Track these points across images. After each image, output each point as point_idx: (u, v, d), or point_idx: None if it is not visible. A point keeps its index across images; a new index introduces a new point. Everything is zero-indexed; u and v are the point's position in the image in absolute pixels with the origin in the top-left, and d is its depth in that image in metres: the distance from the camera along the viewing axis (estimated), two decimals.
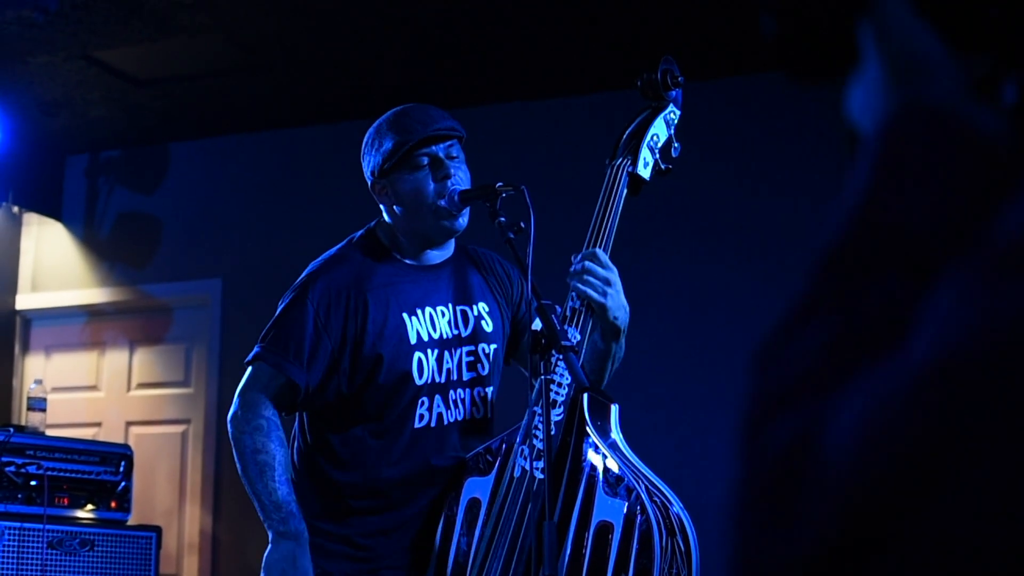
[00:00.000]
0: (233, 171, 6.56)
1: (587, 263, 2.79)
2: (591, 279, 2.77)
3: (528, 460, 2.70)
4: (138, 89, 5.93)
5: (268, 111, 6.28)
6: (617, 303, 2.80)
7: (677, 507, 2.68)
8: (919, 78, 0.73)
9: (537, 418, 2.62)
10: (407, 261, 3.10)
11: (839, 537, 0.58)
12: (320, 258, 3.10)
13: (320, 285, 2.99)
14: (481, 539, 2.81)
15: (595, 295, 2.77)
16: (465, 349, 3.05)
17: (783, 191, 5.45)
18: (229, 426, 2.96)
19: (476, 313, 3.10)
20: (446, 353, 3.02)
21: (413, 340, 2.98)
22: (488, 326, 3.10)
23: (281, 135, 6.47)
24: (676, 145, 3.04)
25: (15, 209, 6.77)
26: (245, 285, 6.38)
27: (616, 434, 2.77)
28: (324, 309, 2.96)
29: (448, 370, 3.02)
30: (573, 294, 2.79)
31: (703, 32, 5.19)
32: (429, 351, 2.99)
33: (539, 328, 2.64)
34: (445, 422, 3.00)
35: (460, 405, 3.03)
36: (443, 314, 3.05)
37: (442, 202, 2.95)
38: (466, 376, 3.04)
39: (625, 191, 2.91)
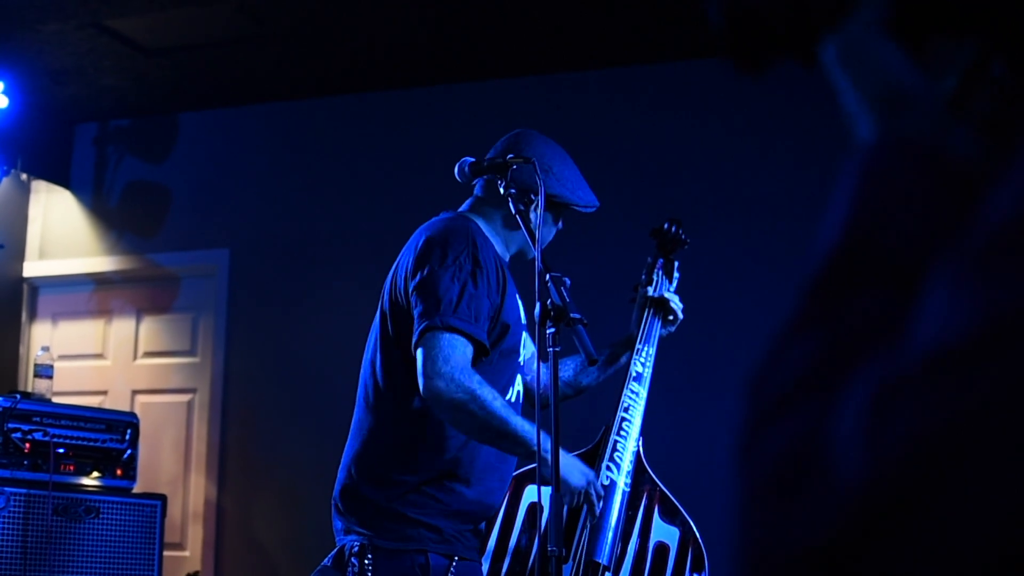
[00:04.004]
0: (242, 142, 6.56)
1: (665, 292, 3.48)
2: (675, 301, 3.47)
3: (615, 472, 3.24)
4: (148, 58, 5.92)
5: (278, 82, 6.27)
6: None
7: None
8: (895, 108, 0.74)
9: (614, 434, 3.26)
10: (500, 251, 3.21)
11: (846, 531, 0.58)
12: (454, 223, 3.08)
13: (483, 251, 3.01)
14: (577, 540, 3.19)
15: (677, 305, 3.46)
16: (528, 337, 3.22)
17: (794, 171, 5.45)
18: (446, 394, 2.84)
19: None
20: (528, 338, 3.21)
21: (523, 320, 3.15)
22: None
23: (291, 106, 6.47)
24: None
25: (24, 176, 6.77)
26: (253, 255, 6.39)
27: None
28: (485, 274, 2.99)
29: (528, 353, 3.22)
30: (643, 346, 3.40)
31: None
32: (524, 332, 3.17)
33: (549, 301, 2.69)
34: (520, 400, 3.17)
35: (524, 386, 3.23)
36: (521, 302, 3.19)
37: (534, 252, 3.10)
38: (526, 361, 3.23)
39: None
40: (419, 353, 2.89)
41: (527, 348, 3.23)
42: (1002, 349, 0.56)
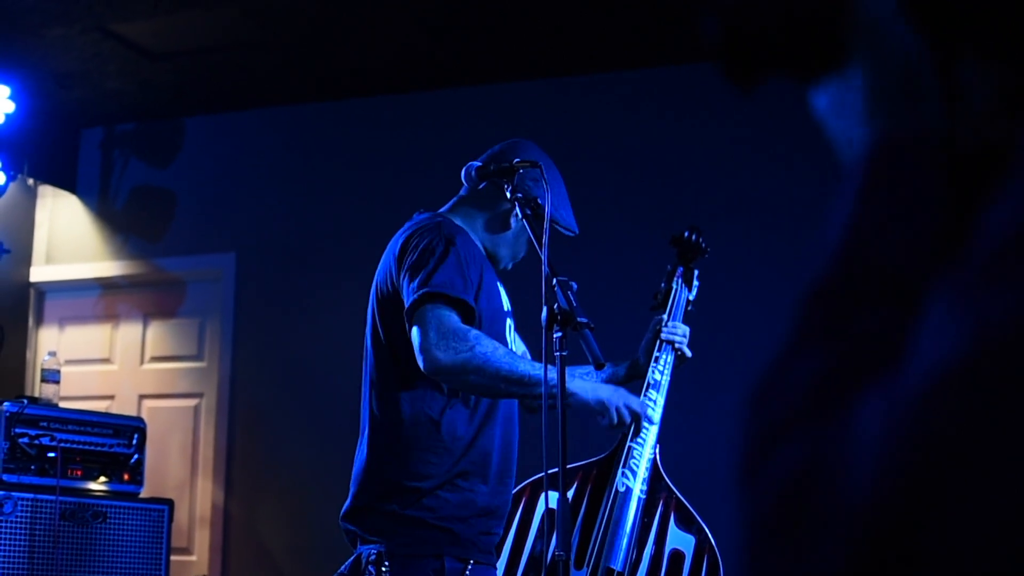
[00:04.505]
0: (248, 145, 6.56)
1: (678, 324, 3.49)
2: (681, 335, 3.47)
3: (631, 479, 3.28)
4: (153, 62, 5.93)
5: (283, 86, 6.28)
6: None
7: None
8: (907, 100, 0.73)
9: (630, 441, 3.30)
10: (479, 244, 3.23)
11: (863, 558, 0.58)
12: (427, 221, 3.11)
13: (459, 238, 3.04)
14: (591, 547, 3.23)
15: (686, 348, 3.46)
16: (513, 325, 3.21)
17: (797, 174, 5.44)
18: (447, 360, 2.83)
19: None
20: (512, 325, 3.20)
21: (505, 307, 3.15)
22: None
23: (296, 110, 6.47)
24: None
25: (30, 181, 6.78)
26: (259, 259, 6.39)
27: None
28: (464, 253, 3.00)
29: (514, 341, 3.21)
30: (661, 353, 3.44)
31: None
32: (509, 320, 3.17)
33: (556, 305, 2.69)
34: None
35: None
36: (504, 290, 3.20)
37: (510, 264, 3.28)
38: (516, 350, 3.22)
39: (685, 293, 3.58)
40: (413, 333, 2.90)
41: (516, 343, 3.24)
42: (997, 366, 0.56)
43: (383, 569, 2.89)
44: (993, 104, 0.70)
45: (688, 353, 3.46)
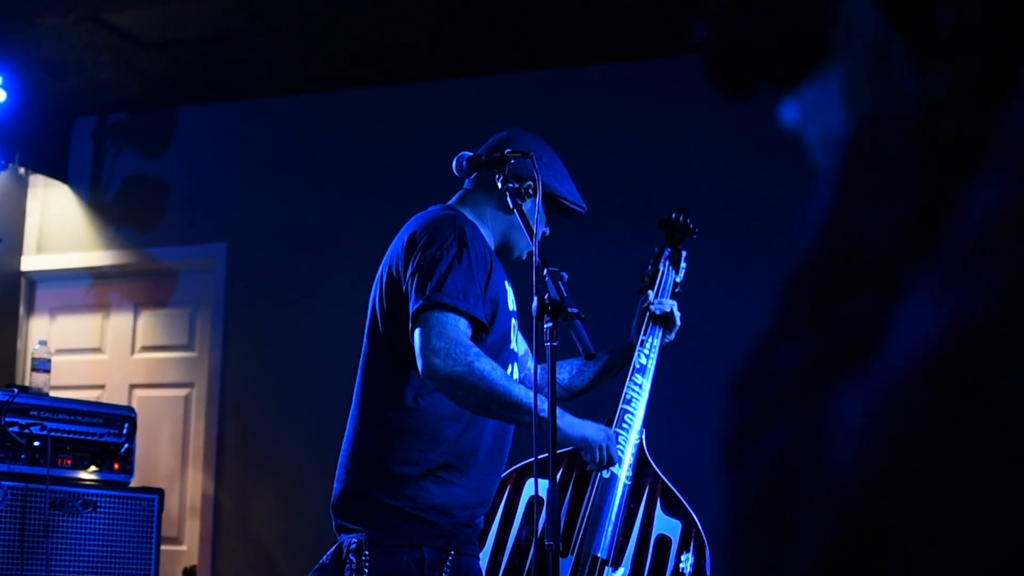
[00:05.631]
0: (240, 136, 6.56)
1: (668, 300, 3.47)
2: (669, 307, 3.45)
3: (616, 466, 3.20)
4: (147, 52, 5.92)
5: (276, 76, 6.27)
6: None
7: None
8: (883, 82, 0.74)
9: (616, 427, 3.26)
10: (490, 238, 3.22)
11: (845, 546, 0.58)
12: (440, 213, 3.10)
13: (471, 236, 3.02)
14: (576, 534, 3.23)
15: (677, 317, 3.45)
16: (517, 325, 3.20)
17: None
18: (444, 370, 2.83)
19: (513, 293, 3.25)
20: (517, 325, 3.20)
21: (511, 307, 3.13)
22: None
23: (289, 101, 6.46)
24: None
25: (21, 170, 6.76)
26: (251, 250, 6.39)
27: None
28: (475, 257, 2.98)
29: (516, 341, 3.20)
30: (647, 337, 3.42)
31: None
32: (514, 320, 3.15)
33: (546, 295, 2.69)
34: None
35: (517, 375, 3.19)
36: (511, 288, 3.18)
37: (524, 253, 3.23)
38: (519, 349, 3.22)
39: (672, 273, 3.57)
40: (416, 336, 2.88)
41: (519, 342, 3.23)
42: (974, 354, 0.56)
43: (363, 558, 2.89)
44: (965, 96, 0.70)
45: (678, 323, 3.43)
